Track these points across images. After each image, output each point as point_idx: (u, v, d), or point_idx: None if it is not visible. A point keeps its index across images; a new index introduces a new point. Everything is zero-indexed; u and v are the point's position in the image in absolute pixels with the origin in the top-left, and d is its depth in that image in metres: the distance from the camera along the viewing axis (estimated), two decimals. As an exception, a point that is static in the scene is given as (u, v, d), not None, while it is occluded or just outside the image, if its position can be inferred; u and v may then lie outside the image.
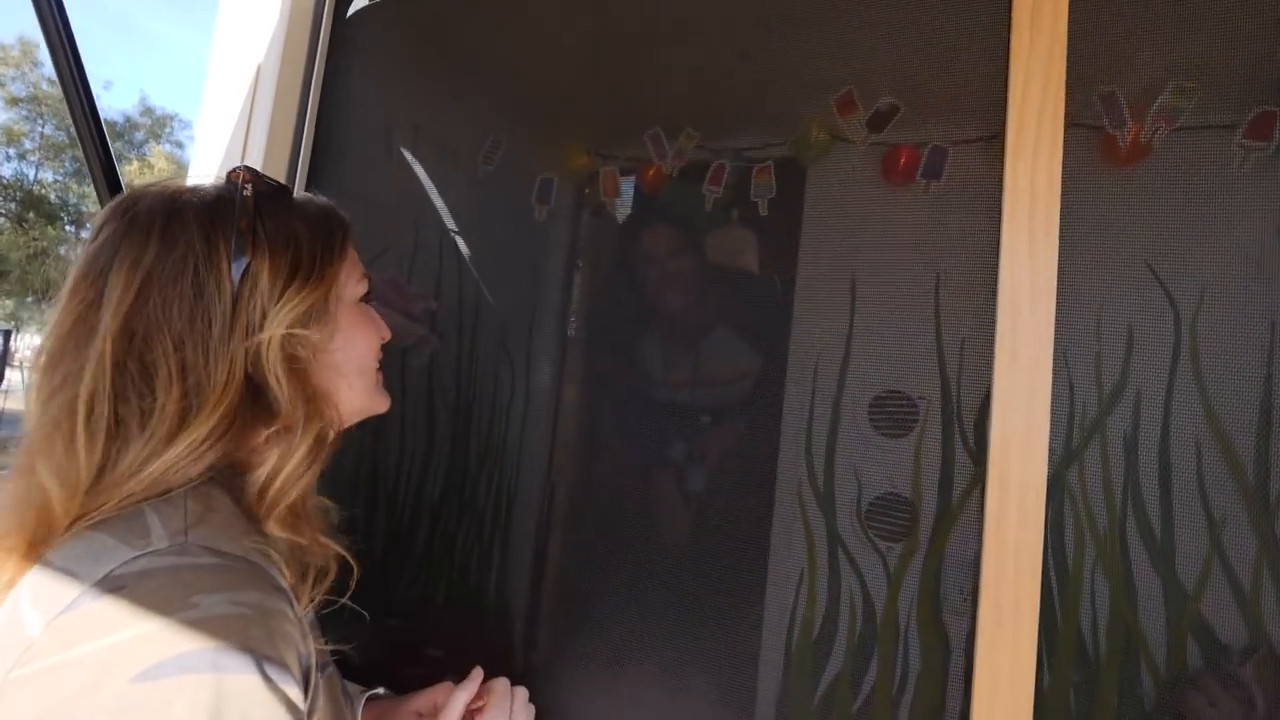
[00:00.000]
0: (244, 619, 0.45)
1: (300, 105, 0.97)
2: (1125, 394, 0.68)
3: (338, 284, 0.60)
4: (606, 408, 0.92)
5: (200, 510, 0.50)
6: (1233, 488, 0.65)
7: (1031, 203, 0.68)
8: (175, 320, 0.51)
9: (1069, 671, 0.67)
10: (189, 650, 0.42)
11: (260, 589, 0.47)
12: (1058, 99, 0.67)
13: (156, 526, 0.47)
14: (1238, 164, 0.67)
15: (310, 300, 0.56)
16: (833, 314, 0.79)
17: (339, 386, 0.60)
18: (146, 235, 0.53)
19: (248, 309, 0.53)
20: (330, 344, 0.59)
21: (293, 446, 0.54)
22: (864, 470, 0.77)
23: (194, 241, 0.53)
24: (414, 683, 0.78)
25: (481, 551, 0.94)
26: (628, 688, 0.84)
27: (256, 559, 0.50)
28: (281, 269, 0.55)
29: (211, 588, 0.45)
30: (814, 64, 0.83)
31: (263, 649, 0.44)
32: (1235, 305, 0.66)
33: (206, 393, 0.51)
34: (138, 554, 0.45)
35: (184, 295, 0.52)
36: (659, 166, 0.89)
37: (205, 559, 0.46)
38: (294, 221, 0.58)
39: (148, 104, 18.88)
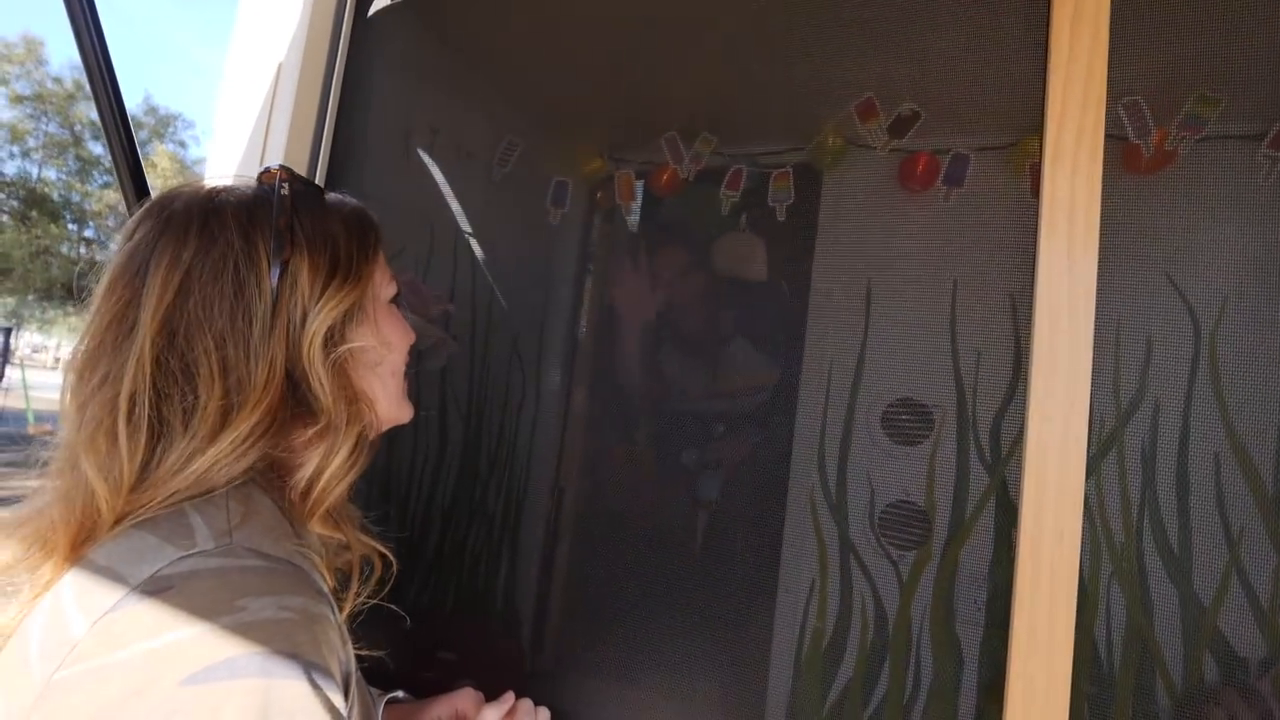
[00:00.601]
0: (291, 623, 0.44)
1: (320, 105, 0.97)
2: (1143, 406, 0.68)
3: (373, 284, 0.60)
4: (617, 413, 0.91)
5: (243, 511, 0.49)
6: (1251, 501, 0.65)
7: (1071, 212, 0.67)
8: (216, 318, 0.51)
9: (1086, 684, 0.66)
10: (238, 654, 0.42)
11: (305, 593, 0.47)
12: (1099, 108, 0.66)
13: (201, 527, 0.47)
14: (1262, 174, 0.67)
15: (350, 299, 0.56)
16: (848, 320, 0.79)
17: (375, 388, 0.60)
18: (185, 233, 0.52)
19: (288, 307, 0.53)
20: (369, 341, 0.59)
21: (335, 446, 0.54)
22: (877, 478, 0.77)
23: (233, 239, 0.53)
24: (426, 685, 0.77)
25: (491, 555, 0.94)
26: (638, 693, 0.84)
27: (299, 562, 0.49)
28: (321, 268, 0.55)
29: (258, 591, 0.45)
30: (834, 70, 0.83)
31: (309, 654, 0.44)
32: (1257, 317, 0.66)
33: (248, 391, 0.51)
34: (184, 554, 0.45)
35: (224, 293, 0.52)
36: (674, 170, 0.89)
37: (251, 561, 0.46)
38: (330, 221, 0.58)
39: (151, 103, 18.91)
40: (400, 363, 0.64)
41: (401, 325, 0.65)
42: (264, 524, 0.50)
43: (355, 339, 0.58)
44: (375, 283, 0.61)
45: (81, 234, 17.06)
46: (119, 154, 0.83)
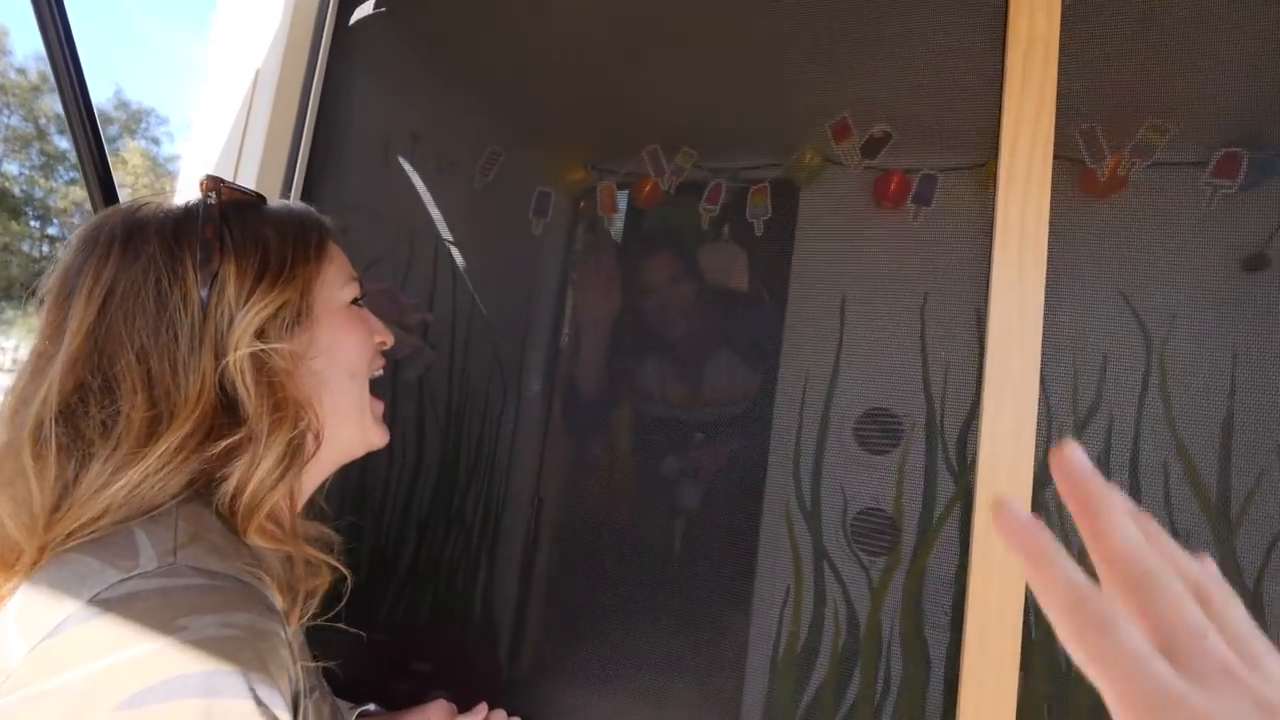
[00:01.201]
0: (236, 641, 0.43)
1: (299, 111, 0.96)
2: (1098, 417, 0.71)
3: (315, 285, 0.58)
4: (597, 422, 0.92)
5: (191, 530, 0.48)
6: (1196, 506, 0.68)
7: (1021, 232, 0.71)
8: (138, 333, 0.51)
9: (1043, 683, 0.69)
10: (177, 675, 0.41)
11: (253, 610, 0.46)
12: (1048, 134, 0.70)
13: (146, 547, 0.46)
14: (1206, 201, 0.71)
15: (280, 301, 0.54)
16: (822, 333, 0.81)
17: (323, 395, 0.58)
18: (108, 252, 0.53)
19: (215, 316, 0.52)
20: (311, 349, 0.57)
21: (258, 456, 0.52)
22: (849, 486, 0.79)
23: (155, 254, 0.52)
24: (401, 697, 0.77)
25: (469, 564, 0.94)
26: (615, 700, 0.84)
27: (249, 579, 0.48)
28: (248, 272, 0.54)
29: (201, 609, 0.44)
30: (811, 89, 0.86)
31: (254, 672, 0.43)
32: (1201, 335, 0.70)
33: (177, 403, 0.50)
34: (125, 576, 0.44)
35: (146, 308, 0.51)
36: (655, 182, 0.91)
37: (194, 580, 0.45)
38: (262, 226, 0.57)
39: (123, 98, 18.36)
40: (358, 363, 0.61)
41: (360, 325, 0.62)
42: (212, 543, 0.49)
43: (297, 344, 0.56)
44: (321, 284, 0.59)
45: (45, 231, 16.45)
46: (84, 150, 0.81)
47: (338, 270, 0.61)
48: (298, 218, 0.60)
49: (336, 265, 0.62)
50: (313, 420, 0.56)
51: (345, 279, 0.62)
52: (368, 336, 0.63)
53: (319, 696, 0.60)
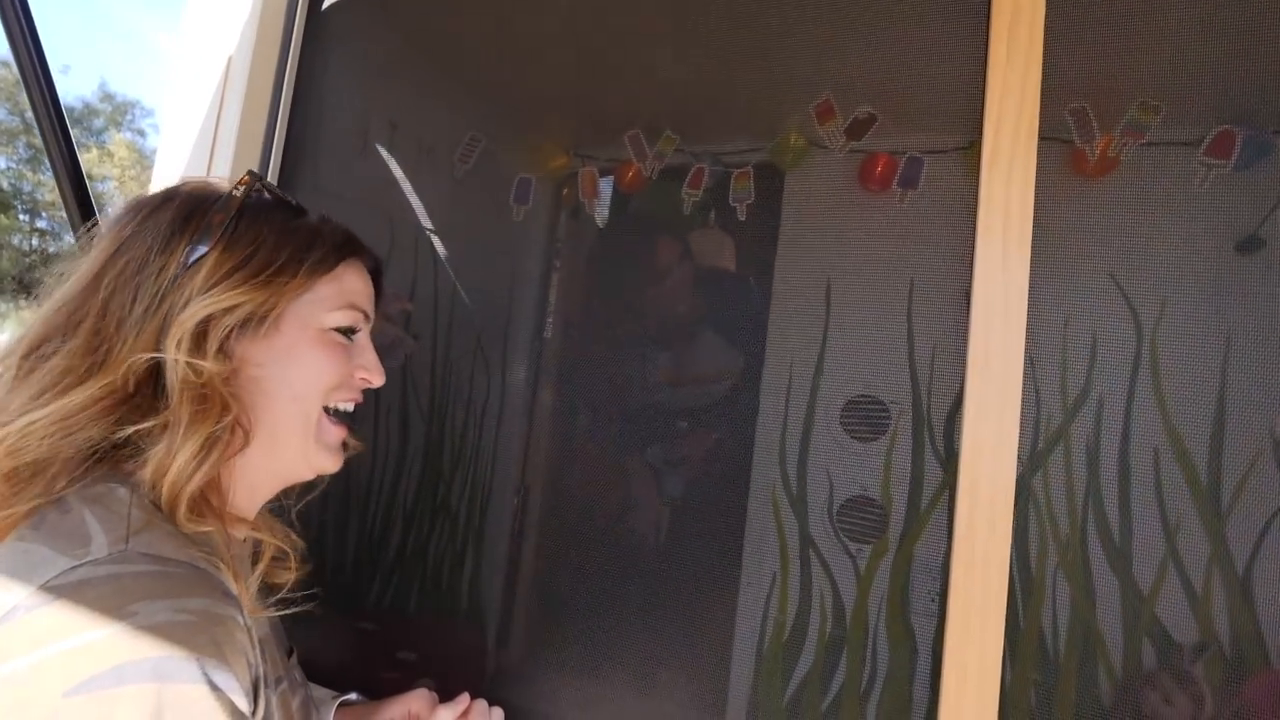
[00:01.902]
0: (188, 626, 0.43)
1: (273, 99, 0.94)
2: (1088, 402, 0.70)
3: (296, 300, 0.57)
4: (582, 410, 0.92)
5: (145, 517, 0.48)
6: (1187, 493, 0.67)
7: (1005, 214, 0.69)
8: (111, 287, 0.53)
9: (1031, 671, 0.69)
10: (127, 660, 0.41)
11: (208, 595, 0.46)
12: (1033, 114, 0.69)
13: (98, 534, 0.46)
14: (1199, 180, 0.69)
15: (243, 299, 0.54)
16: (808, 318, 0.80)
17: (261, 406, 0.57)
18: (137, 214, 0.56)
19: (175, 293, 0.53)
20: (260, 356, 0.56)
21: (175, 445, 0.51)
22: (836, 473, 0.78)
23: (163, 223, 0.55)
24: (387, 686, 0.77)
25: (455, 555, 0.94)
26: (602, 688, 0.84)
27: (204, 565, 0.48)
28: (226, 264, 0.54)
29: (154, 594, 0.44)
30: (794, 71, 0.84)
31: (209, 656, 0.43)
32: (1193, 317, 0.68)
33: (109, 358, 0.52)
34: (76, 564, 0.44)
35: (128, 268, 0.54)
36: (638, 168, 0.89)
37: (147, 566, 0.45)
38: (269, 228, 0.57)
39: (107, 90, 18.20)
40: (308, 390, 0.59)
41: (325, 355, 0.59)
42: (166, 529, 0.49)
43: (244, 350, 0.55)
44: (303, 300, 0.58)
45: (34, 225, 16.40)
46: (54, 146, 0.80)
47: (334, 294, 0.60)
48: (313, 233, 0.60)
49: (335, 289, 0.60)
50: (241, 417, 0.55)
51: (339, 305, 0.60)
52: (333, 366, 0.60)
53: (287, 688, 0.59)
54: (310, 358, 0.59)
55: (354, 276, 0.63)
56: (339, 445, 0.64)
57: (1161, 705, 0.66)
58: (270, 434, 0.58)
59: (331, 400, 0.61)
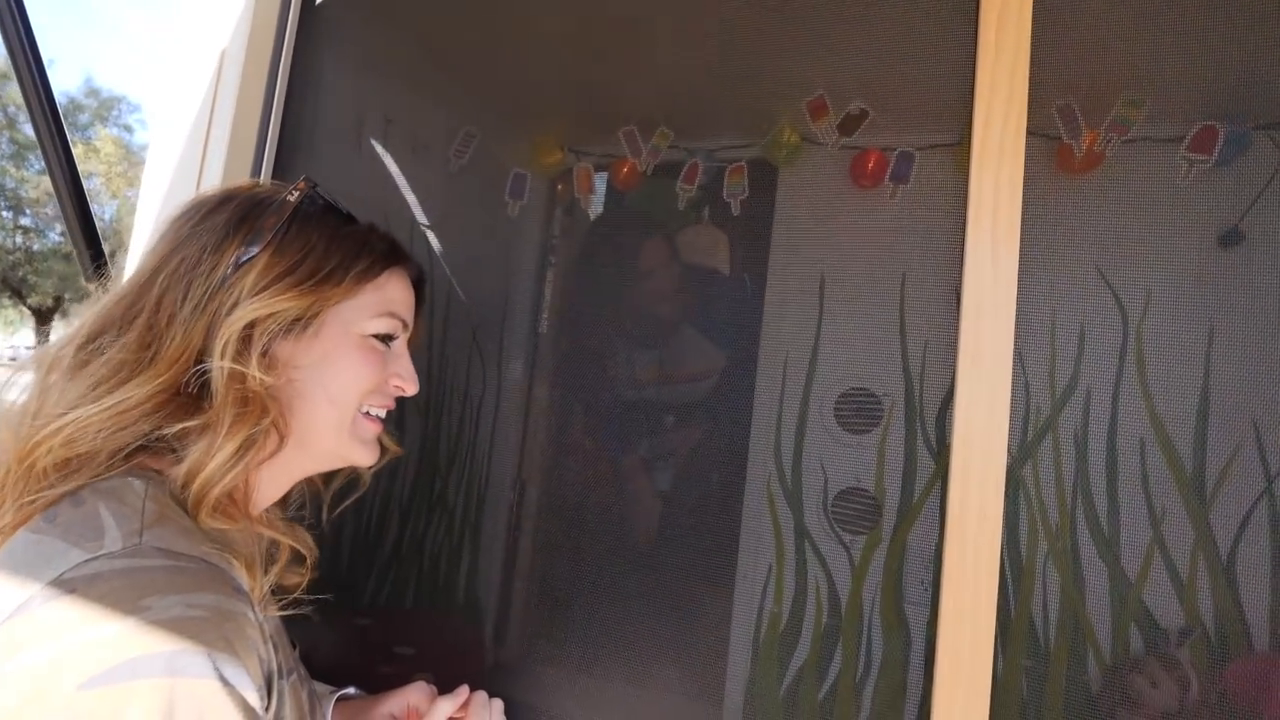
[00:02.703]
0: (200, 621, 0.44)
1: (267, 94, 0.94)
2: (1076, 394, 0.72)
3: (339, 305, 0.59)
4: (578, 405, 0.92)
5: (158, 511, 0.49)
6: (1172, 482, 0.69)
7: (995, 209, 0.70)
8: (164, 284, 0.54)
9: (1021, 657, 0.70)
10: (141, 655, 0.41)
11: (219, 591, 0.46)
12: (1021, 110, 0.70)
13: (111, 528, 0.46)
14: (1182, 175, 0.70)
15: (289, 305, 0.55)
16: (802, 312, 0.81)
17: (298, 407, 0.58)
18: (196, 213, 0.57)
19: (224, 294, 0.54)
20: (300, 359, 0.57)
21: (214, 446, 0.52)
22: (830, 465, 0.79)
23: (219, 224, 0.56)
24: (385, 681, 0.77)
25: (451, 549, 0.94)
26: (599, 681, 0.85)
27: (216, 561, 0.49)
28: (276, 268, 0.55)
29: (165, 590, 0.44)
30: (787, 67, 0.85)
31: (220, 652, 0.44)
32: (1177, 310, 0.70)
33: (159, 356, 0.52)
34: (90, 557, 0.44)
35: (182, 267, 0.55)
36: (633, 164, 0.90)
37: (158, 561, 0.45)
38: (319, 235, 0.59)
39: (93, 85, 17.92)
40: (346, 395, 0.60)
41: (363, 361, 0.60)
42: (181, 524, 0.49)
43: (295, 353, 0.57)
44: (346, 306, 0.60)
45: (18, 222, 16.13)
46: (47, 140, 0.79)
47: (376, 301, 0.61)
48: (361, 242, 0.61)
49: (378, 297, 0.61)
50: (279, 420, 0.56)
51: (380, 312, 0.61)
52: (370, 373, 0.61)
53: (296, 679, 0.60)
54: (348, 362, 0.60)
55: (397, 285, 0.64)
56: (374, 439, 0.65)
57: (1148, 689, 0.67)
58: (304, 435, 0.59)
59: (365, 405, 0.63)
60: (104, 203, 16.60)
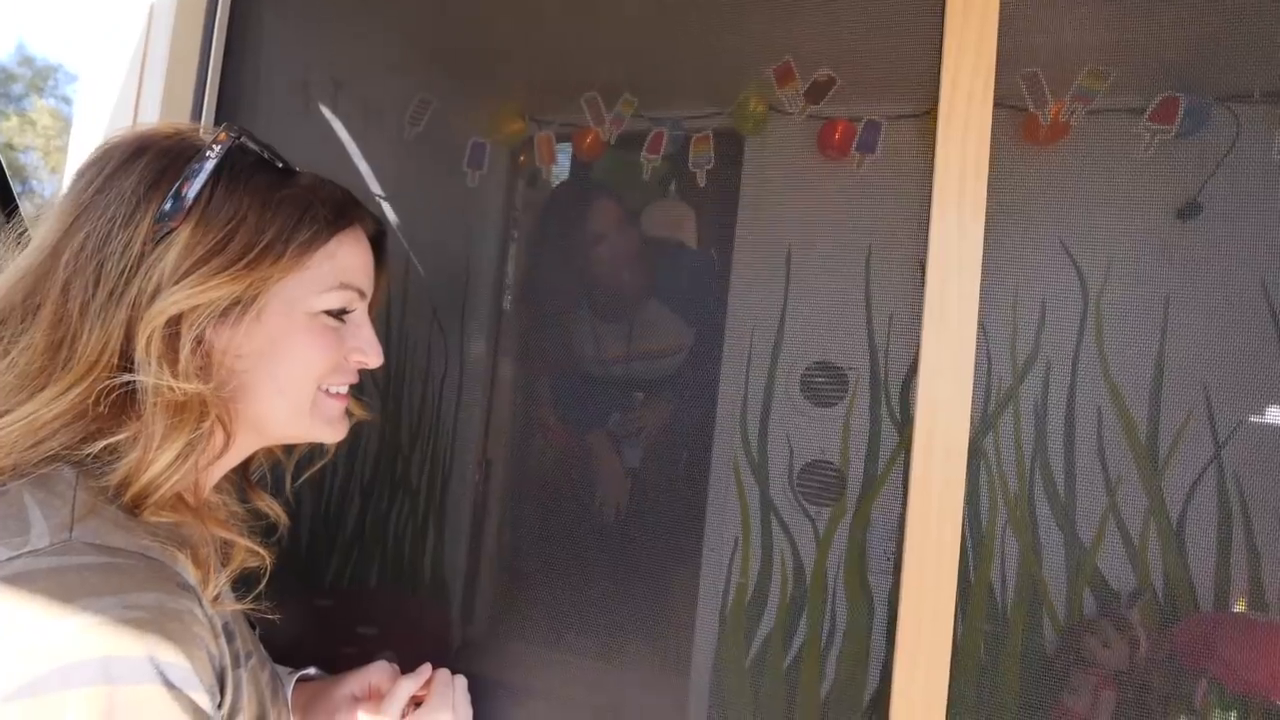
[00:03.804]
0: (140, 623, 0.40)
1: (202, 54, 0.87)
2: (1036, 365, 0.72)
3: (279, 284, 0.51)
4: (542, 381, 0.90)
5: (90, 501, 0.45)
6: (1127, 450, 0.70)
7: (961, 179, 0.70)
8: (71, 265, 0.46)
9: (980, 622, 0.72)
10: (72, 662, 0.38)
11: (160, 588, 0.43)
12: (988, 78, 0.69)
13: (38, 521, 0.42)
14: (1143, 146, 0.71)
15: (220, 291, 0.47)
16: (768, 285, 0.80)
17: (248, 401, 0.52)
18: (100, 170, 0.48)
19: (143, 277, 0.46)
20: (241, 347, 0.50)
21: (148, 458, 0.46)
22: (796, 438, 0.79)
23: (128, 189, 0.47)
24: (347, 662, 0.76)
25: (416, 529, 0.92)
26: (566, 656, 0.85)
27: (157, 555, 0.45)
28: (199, 246, 0.47)
29: (99, 590, 0.40)
30: (754, 33, 0.82)
31: (163, 654, 0.41)
32: (1136, 281, 0.71)
33: (75, 356, 0.46)
34: (13, 555, 0.40)
35: (89, 243, 0.46)
36: (596, 132, 0.87)
37: (92, 558, 0.42)
38: (250, 199, 0.50)
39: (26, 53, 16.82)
40: (300, 382, 0.54)
41: (315, 344, 0.54)
42: (115, 515, 0.45)
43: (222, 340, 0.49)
44: (288, 284, 0.52)
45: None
46: None
47: (326, 273, 0.53)
48: (302, 205, 0.52)
49: (329, 268, 0.53)
50: (223, 418, 0.50)
51: (329, 286, 0.54)
52: (322, 356, 0.54)
53: (255, 662, 0.56)
54: (296, 347, 0.53)
55: (350, 249, 0.56)
56: (340, 415, 0.59)
57: (1100, 649, 0.70)
58: (255, 427, 0.54)
59: (323, 385, 0.57)
60: (43, 178, 15.72)
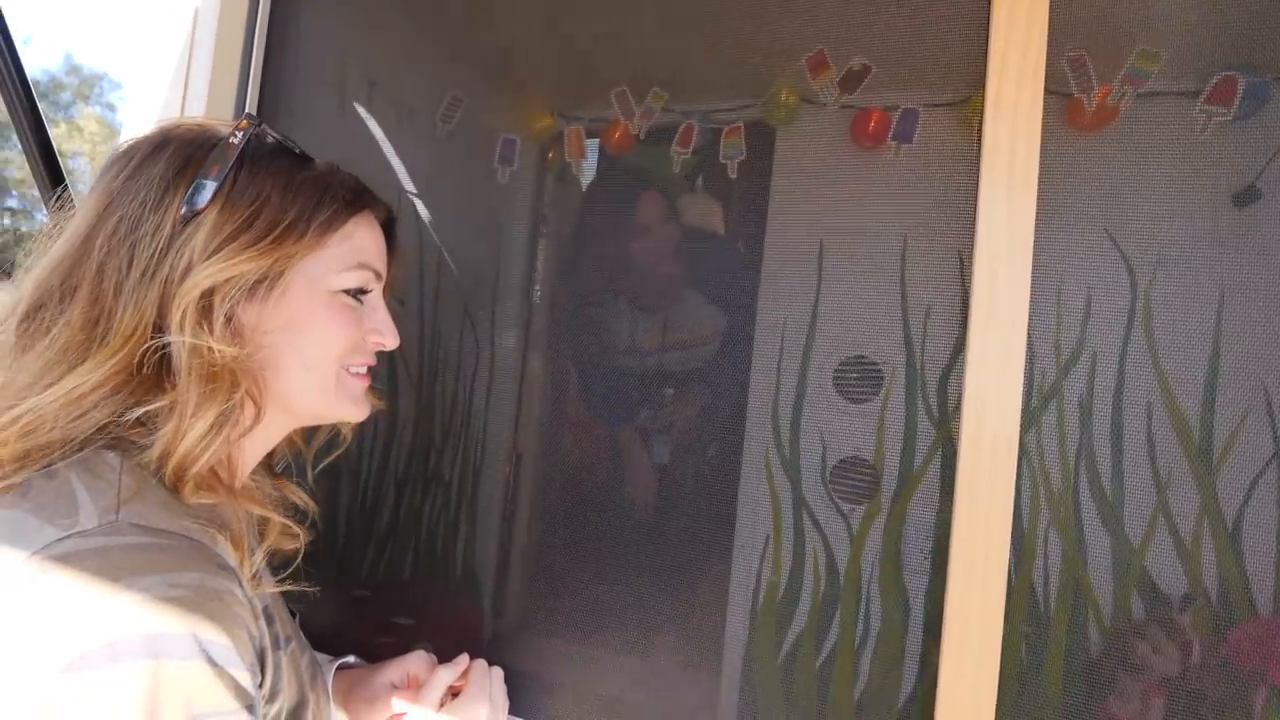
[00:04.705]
0: (183, 601, 0.42)
1: (244, 56, 0.90)
2: (1082, 358, 0.70)
3: (304, 261, 0.54)
4: (573, 375, 0.91)
5: (135, 484, 0.46)
6: (1179, 447, 0.67)
7: (1010, 164, 0.67)
8: (105, 246, 0.49)
9: (1022, 623, 0.70)
10: (119, 637, 0.40)
11: (202, 569, 0.44)
12: (1039, 61, 0.66)
13: (86, 503, 0.44)
14: (1199, 129, 0.68)
15: (248, 266, 0.50)
16: (800, 278, 0.79)
17: (275, 376, 0.55)
18: (128, 162, 0.52)
19: (174, 256, 0.49)
20: (267, 323, 0.53)
21: (184, 427, 0.48)
22: (829, 435, 0.78)
23: (155, 176, 0.51)
24: (383, 651, 0.77)
25: (449, 522, 0.93)
26: (596, 651, 0.85)
27: (198, 536, 0.46)
28: (227, 225, 0.50)
29: (144, 569, 0.42)
30: (786, 23, 0.81)
31: (205, 632, 0.42)
32: (1189, 271, 0.68)
33: (110, 332, 0.48)
34: (63, 535, 0.42)
35: (122, 226, 0.50)
36: (625, 126, 0.87)
37: (137, 538, 0.43)
38: (272, 182, 0.53)
39: (73, 62, 17.49)
40: (323, 359, 0.56)
41: (335, 321, 0.56)
42: (160, 497, 0.47)
43: (250, 317, 0.52)
44: (311, 261, 0.55)
45: (3, 204, 15.95)
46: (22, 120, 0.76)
47: (344, 253, 0.56)
48: (321, 186, 0.55)
49: (347, 248, 0.57)
50: (252, 391, 0.53)
51: (349, 265, 0.57)
52: (344, 334, 0.57)
53: (295, 647, 0.58)
54: (319, 324, 0.55)
55: (365, 232, 0.59)
56: (363, 395, 0.62)
57: (1150, 654, 0.67)
58: (283, 403, 0.56)
59: (344, 364, 0.59)
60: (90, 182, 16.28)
